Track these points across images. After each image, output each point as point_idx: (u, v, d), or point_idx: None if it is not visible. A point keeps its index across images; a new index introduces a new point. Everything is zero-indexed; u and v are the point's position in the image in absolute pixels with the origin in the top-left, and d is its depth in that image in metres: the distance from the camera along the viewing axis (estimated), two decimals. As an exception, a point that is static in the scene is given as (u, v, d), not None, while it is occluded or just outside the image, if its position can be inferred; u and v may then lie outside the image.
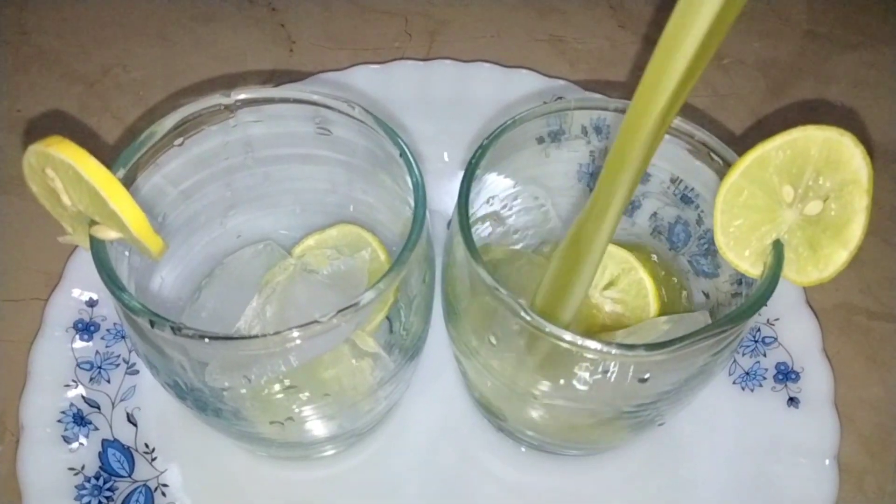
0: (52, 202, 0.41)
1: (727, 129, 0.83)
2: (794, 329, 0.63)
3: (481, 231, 0.56)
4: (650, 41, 0.92)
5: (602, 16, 0.95)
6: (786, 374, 0.61)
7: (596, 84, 0.85)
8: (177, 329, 0.37)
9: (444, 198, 0.72)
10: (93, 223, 0.41)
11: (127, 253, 0.48)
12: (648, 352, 0.38)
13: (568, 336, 0.38)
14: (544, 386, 0.44)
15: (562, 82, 0.80)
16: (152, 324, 0.38)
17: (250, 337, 0.37)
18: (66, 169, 0.38)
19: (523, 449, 0.57)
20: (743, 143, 0.80)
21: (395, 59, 0.83)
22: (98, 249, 0.41)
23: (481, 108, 0.78)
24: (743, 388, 0.61)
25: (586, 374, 0.41)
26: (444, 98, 0.80)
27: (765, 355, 0.62)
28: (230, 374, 0.45)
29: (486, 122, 0.77)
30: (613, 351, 0.38)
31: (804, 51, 0.92)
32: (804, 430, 0.58)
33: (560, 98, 0.79)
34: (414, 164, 0.46)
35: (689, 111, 0.85)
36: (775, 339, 0.63)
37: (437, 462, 0.57)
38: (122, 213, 0.38)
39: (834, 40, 0.93)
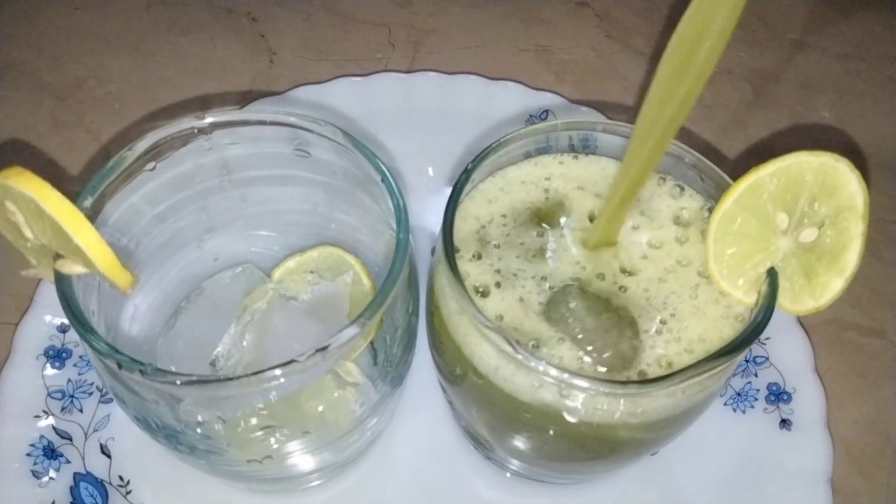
0: (13, 234, 0.39)
1: (719, 150, 0.82)
2: (785, 348, 0.62)
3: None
4: (636, 51, 0.91)
5: (588, 25, 0.94)
6: (778, 395, 0.60)
7: (583, 96, 0.84)
8: (146, 372, 0.35)
9: (428, 214, 0.70)
10: (58, 256, 0.39)
11: (97, 280, 0.46)
12: (640, 388, 0.37)
13: (554, 371, 0.37)
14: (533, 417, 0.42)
15: (548, 95, 0.79)
16: (120, 366, 0.36)
17: (224, 379, 0.36)
18: (26, 202, 0.36)
19: (508, 475, 0.56)
20: (736, 165, 0.80)
21: (377, 72, 0.81)
22: (63, 285, 0.39)
23: (467, 122, 0.77)
24: (735, 410, 0.60)
25: (575, 408, 0.40)
26: (428, 111, 0.78)
27: (756, 375, 0.61)
28: (205, 411, 0.43)
29: (472, 136, 0.76)
30: (603, 388, 0.36)
31: (791, 60, 0.92)
32: (797, 453, 0.57)
33: (546, 111, 0.78)
34: (396, 191, 0.45)
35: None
36: (767, 358, 0.62)
37: (424, 488, 0.56)
38: (87, 249, 0.36)
39: (820, 50, 0.93)
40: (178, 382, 0.36)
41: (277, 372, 0.36)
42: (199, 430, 0.44)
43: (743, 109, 0.86)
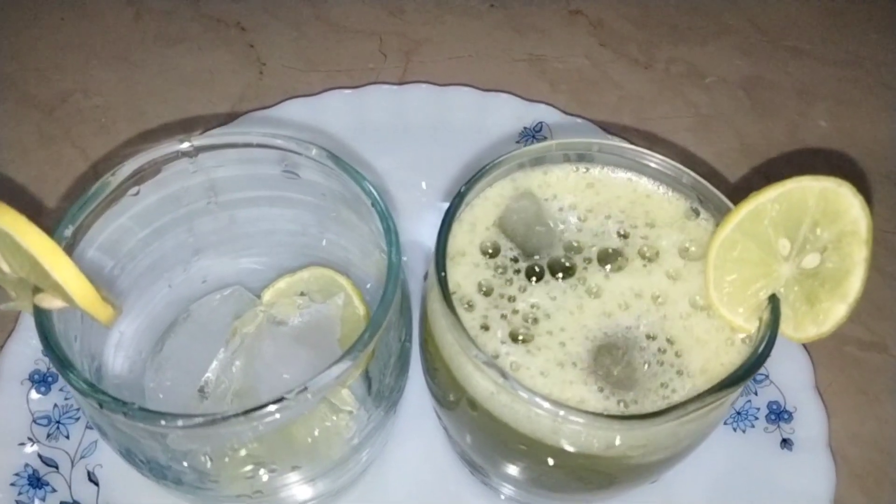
0: (-10, 268, 0.38)
1: (723, 175, 0.80)
2: (785, 366, 0.61)
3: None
4: (631, 59, 0.90)
5: (582, 34, 0.93)
6: (778, 414, 0.59)
7: (577, 106, 0.83)
8: (129, 413, 0.34)
9: (421, 229, 0.69)
10: (37, 290, 0.38)
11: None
12: (641, 422, 0.36)
13: (547, 404, 0.36)
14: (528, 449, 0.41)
15: (542, 107, 0.77)
16: (101, 405, 0.35)
17: (211, 421, 0.34)
18: (2, 237, 0.34)
19: (503, 497, 0.55)
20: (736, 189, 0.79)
21: (369, 84, 0.80)
22: (43, 319, 0.37)
23: (460, 135, 0.76)
24: (735, 429, 0.59)
25: (573, 440, 0.39)
26: (420, 124, 0.77)
27: (756, 394, 0.60)
28: (192, 446, 0.42)
29: (465, 150, 0.74)
30: (598, 424, 0.35)
31: (787, 68, 0.91)
32: (799, 474, 0.56)
33: (540, 123, 0.76)
34: (387, 214, 0.43)
35: (672, 137, 0.83)
36: (766, 376, 0.61)
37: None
38: (65, 285, 0.34)
39: (817, 57, 0.92)
40: (163, 423, 0.34)
41: (269, 409, 0.35)
42: (185, 464, 0.43)
43: (739, 118, 0.85)
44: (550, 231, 0.47)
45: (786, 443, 0.58)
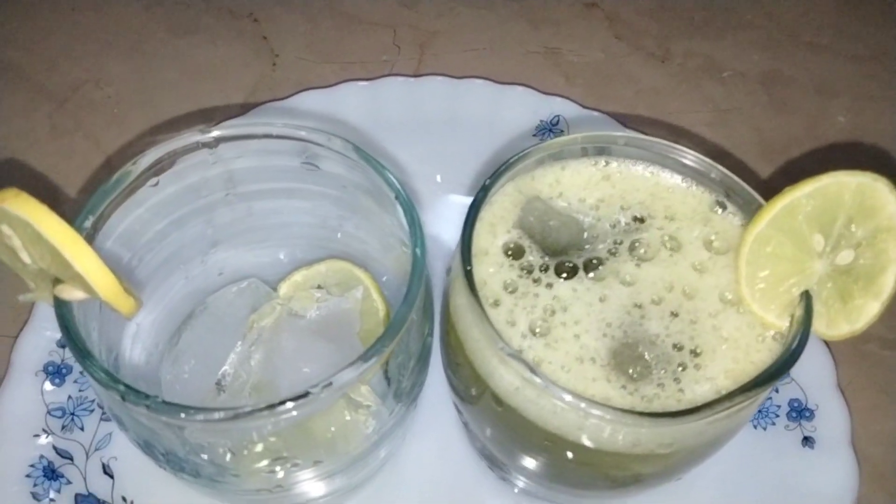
0: (10, 259, 0.37)
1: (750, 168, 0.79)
2: (807, 363, 0.60)
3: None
4: (647, 53, 0.89)
5: (597, 27, 0.92)
6: (800, 412, 0.58)
7: (594, 100, 0.82)
8: (152, 406, 0.33)
9: (436, 222, 0.69)
10: (57, 281, 0.37)
11: (98, 302, 0.44)
12: (672, 420, 0.35)
13: (581, 404, 0.35)
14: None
15: (559, 100, 0.76)
16: (123, 398, 0.34)
17: (234, 416, 0.33)
18: (23, 226, 0.34)
19: (515, 490, 0.54)
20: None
21: (383, 76, 0.79)
22: (63, 311, 0.37)
23: (475, 128, 0.75)
24: (755, 427, 0.58)
25: (601, 437, 0.38)
26: (436, 117, 0.76)
27: (777, 391, 0.59)
28: (211, 439, 0.41)
29: (481, 143, 0.74)
30: (627, 420, 0.34)
31: (805, 63, 0.90)
32: (821, 473, 0.55)
33: (557, 117, 0.76)
34: (411, 208, 0.43)
35: (693, 129, 0.82)
36: (788, 373, 0.60)
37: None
38: (88, 276, 0.34)
39: (835, 52, 0.91)
40: (186, 416, 0.34)
41: (289, 405, 0.35)
42: (205, 457, 0.42)
43: (757, 113, 0.84)
44: (572, 225, 0.47)
45: (807, 441, 0.57)
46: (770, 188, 0.44)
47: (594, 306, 0.43)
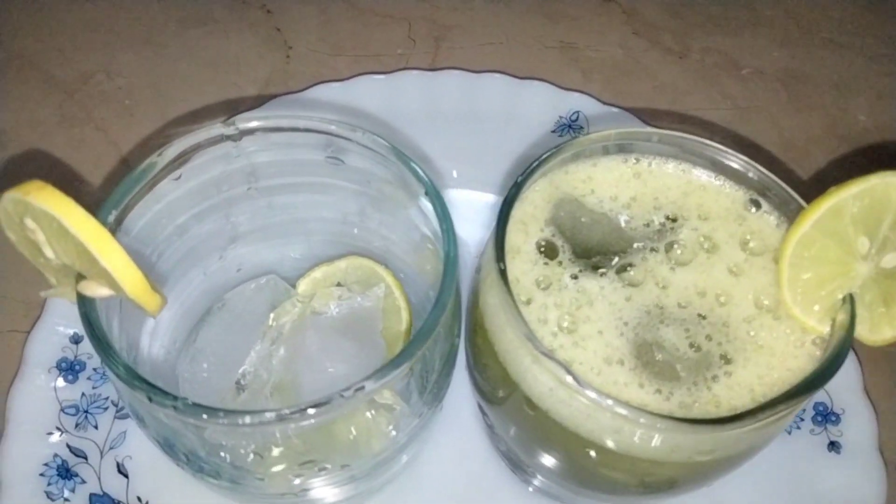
0: (33, 253, 0.36)
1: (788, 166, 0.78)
2: (832, 366, 0.59)
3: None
4: (665, 49, 0.88)
5: (615, 22, 0.91)
6: (825, 416, 0.57)
7: (612, 96, 0.80)
8: (179, 408, 0.32)
9: (454, 218, 0.67)
10: (80, 276, 0.36)
11: (119, 298, 0.42)
12: (713, 427, 0.34)
13: (623, 410, 0.34)
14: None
15: (577, 95, 0.75)
16: (150, 399, 0.33)
17: (259, 419, 0.32)
18: (48, 220, 0.33)
19: (530, 489, 0.53)
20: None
21: (399, 69, 0.78)
22: (87, 308, 0.36)
23: (493, 122, 0.74)
24: (780, 431, 0.57)
25: (639, 445, 0.37)
26: (452, 111, 0.75)
27: (802, 394, 0.58)
28: (234, 440, 0.40)
29: (500, 138, 0.72)
30: (660, 424, 0.33)
31: (825, 61, 0.88)
32: (848, 477, 0.54)
33: (577, 113, 0.75)
34: (441, 205, 0.42)
35: (712, 127, 0.81)
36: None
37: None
38: (115, 272, 0.33)
39: (855, 50, 0.90)
40: (214, 418, 0.33)
41: (312, 411, 0.33)
42: (226, 458, 0.41)
43: (777, 111, 0.83)
44: (605, 223, 0.46)
45: (833, 445, 0.56)
46: (796, 188, 0.43)
47: (617, 304, 0.42)
